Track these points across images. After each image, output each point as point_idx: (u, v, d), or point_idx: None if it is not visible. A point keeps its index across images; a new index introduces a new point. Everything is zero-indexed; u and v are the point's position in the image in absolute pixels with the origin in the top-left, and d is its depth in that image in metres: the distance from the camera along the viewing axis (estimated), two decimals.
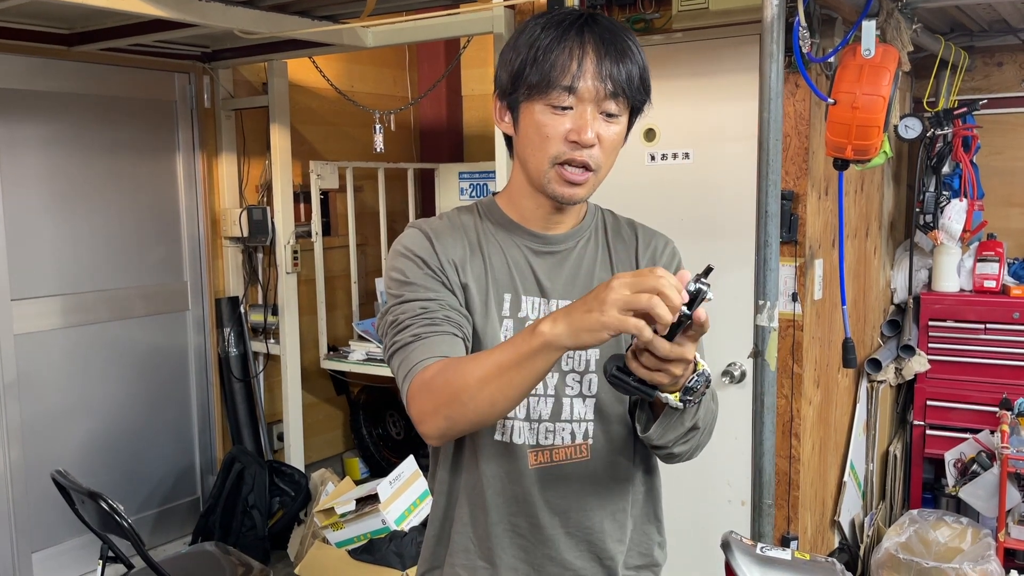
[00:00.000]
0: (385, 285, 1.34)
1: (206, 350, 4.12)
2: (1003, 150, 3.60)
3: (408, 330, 1.23)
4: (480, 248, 1.32)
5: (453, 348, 1.21)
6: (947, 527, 3.04)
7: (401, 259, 1.29)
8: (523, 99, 1.24)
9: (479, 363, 1.11)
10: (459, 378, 1.12)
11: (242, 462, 3.76)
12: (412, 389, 1.18)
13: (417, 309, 1.24)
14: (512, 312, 1.30)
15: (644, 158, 2.99)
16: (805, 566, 1.72)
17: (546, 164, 1.23)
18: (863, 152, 2.40)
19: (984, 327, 3.39)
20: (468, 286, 1.29)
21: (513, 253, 1.32)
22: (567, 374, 1.32)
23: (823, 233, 2.90)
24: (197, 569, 2.81)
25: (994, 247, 3.45)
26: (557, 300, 1.31)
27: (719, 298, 2.99)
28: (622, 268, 1.37)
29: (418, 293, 1.26)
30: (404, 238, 1.33)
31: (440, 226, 1.33)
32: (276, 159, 3.95)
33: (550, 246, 1.33)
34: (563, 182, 1.24)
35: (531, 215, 1.32)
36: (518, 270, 1.31)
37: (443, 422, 1.14)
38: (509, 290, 1.30)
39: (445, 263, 1.28)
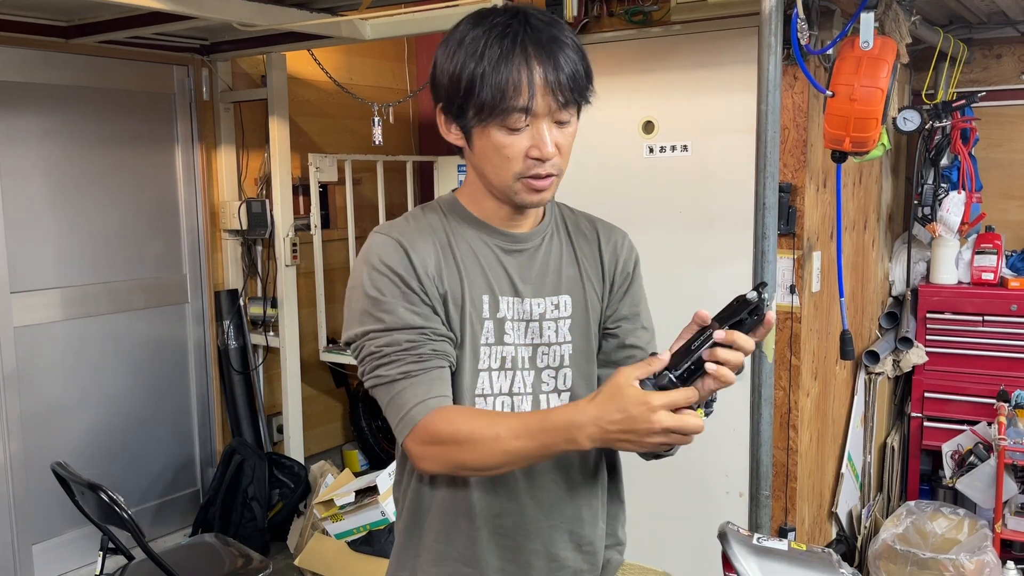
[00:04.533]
0: (355, 297, 1.26)
1: (206, 343, 4.12)
2: (1001, 142, 3.60)
3: (395, 366, 1.21)
4: (451, 249, 1.29)
5: (444, 384, 1.23)
6: (944, 518, 3.05)
7: (376, 275, 1.24)
8: (476, 124, 1.22)
9: (500, 444, 1.14)
10: (475, 451, 1.16)
11: (242, 454, 3.77)
12: (414, 436, 1.20)
13: (403, 343, 1.21)
14: (491, 314, 1.29)
15: (642, 150, 2.99)
16: (801, 556, 1.73)
17: (510, 180, 1.24)
18: (861, 144, 2.41)
19: (982, 319, 3.39)
20: (446, 296, 1.27)
21: (484, 252, 1.31)
22: (542, 371, 1.34)
23: (821, 225, 2.90)
24: (197, 560, 2.82)
25: (992, 239, 3.45)
26: (530, 299, 1.32)
27: (717, 291, 2.99)
28: (587, 264, 1.39)
29: (400, 318, 1.22)
30: (376, 248, 1.26)
31: (410, 232, 1.28)
32: (275, 152, 3.95)
33: (518, 244, 1.33)
34: (530, 191, 1.25)
35: (494, 214, 1.32)
36: (491, 270, 1.30)
37: (447, 470, 1.22)
38: (486, 291, 1.29)
39: (423, 277, 1.25)
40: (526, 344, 1.32)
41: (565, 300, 1.35)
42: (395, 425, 1.23)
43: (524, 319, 1.31)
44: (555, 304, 1.34)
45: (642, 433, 1.05)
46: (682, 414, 1.05)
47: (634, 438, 1.07)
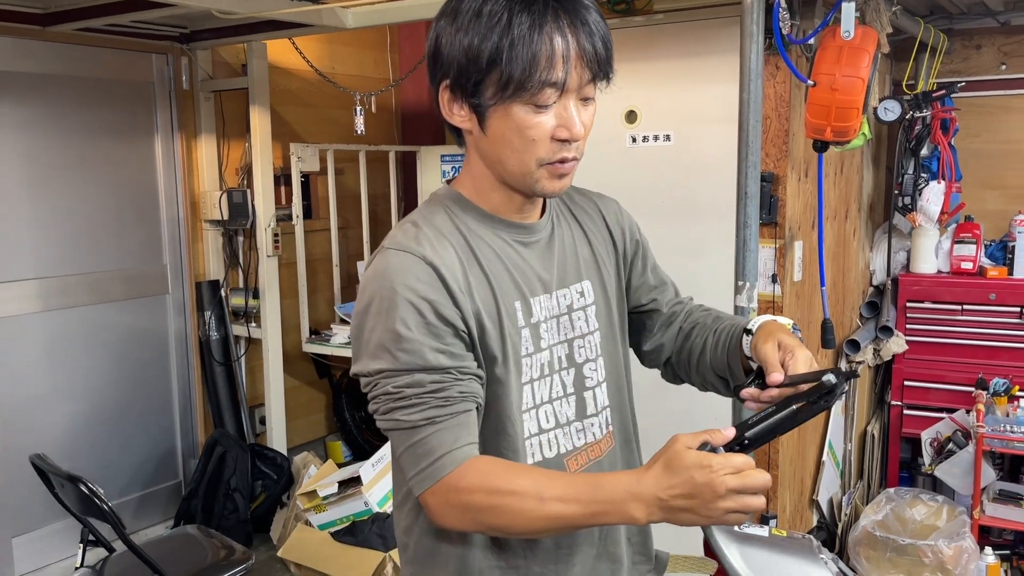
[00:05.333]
0: (371, 326, 1.10)
1: (187, 334, 4.09)
2: (980, 133, 3.63)
3: (417, 410, 1.08)
4: (473, 253, 1.17)
5: (472, 430, 1.10)
6: (923, 505, 3.09)
7: (402, 304, 1.08)
8: (496, 102, 1.09)
9: (544, 508, 1.03)
10: (512, 512, 1.05)
11: (224, 445, 3.76)
12: (438, 491, 1.07)
13: (427, 384, 1.08)
14: (526, 320, 1.19)
15: (625, 140, 2.99)
16: (782, 542, 1.75)
17: (533, 167, 1.13)
18: (842, 134, 2.42)
19: (961, 308, 3.42)
20: (479, 312, 1.14)
21: (505, 250, 1.20)
22: (583, 366, 1.26)
23: (803, 215, 2.92)
24: (179, 552, 2.80)
25: (971, 229, 3.48)
26: (556, 291, 1.24)
27: (699, 280, 3.01)
28: (598, 243, 1.33)
29: (425, 359, 1.08)
30: (399, 271, 1.10)
31: (431, 244, 1.13)
32: (256, 141, 3.92)
33: (534, 235, 1.24)
34: (552, 178, 1.14)
35: (505, 207, 1.21)
36: (517, 270, 1.20)
37: (471, 529, 1.12)
38: (517, 296, 1.18)
39: (460, 298, 1.11)
40: (561, 341, 1.23)
41: (587, 285, 1.28)
42: (413, 475, 1.09)
43: (555, 315, 1.23)
44: (580, 292, 1.27)
45: (707, 499, 0.95)
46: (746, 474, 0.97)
47: (698, 506, 0.96)
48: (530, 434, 1.19)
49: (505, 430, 1.17)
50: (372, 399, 1.13)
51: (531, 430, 1.19)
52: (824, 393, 1.03)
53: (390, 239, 1.17)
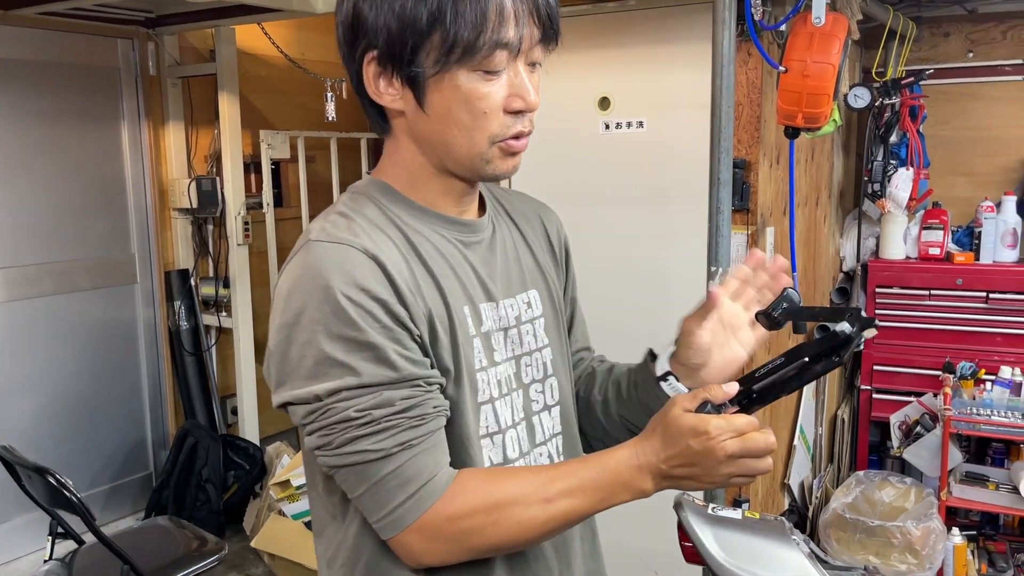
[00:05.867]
0: (303, 339, 0.91)
1: (156, 324, 4.04)
2: (948, 120, 3.67)
3: (389, 435, 0.91)
4: (415, 250, 1.00)
5: (445, 447, 0.97)
6: (892, 487, 3.13)
7: (347, 304, 0.90)
8: (437, 71, 0.94)
9: (550, 509, 0.93)
10: (513, 523, 0.93)
11: (195, 436, 3.72)
12: (424, 527, 0.93)
13: (397, 402, 0.92)
14: (476, 328, 1.03)
15: (599, 127, 2.99)
16: (755, 525, 1.76)
17: (485, 146, 0.97)
18: (813, 120, 2.43)
19: (929, 293, 3.47)
20: (431, 315, 0.97)
21: (448, 249, 1.03)
22: (530, 387, 1.11)
23: (774, 201, 2.93)
24: (150, 543, 2.77)
25: (939, 215, 3.52)
26: (502, 301, 1.08)
27: (672, 268, 3.01)
28: (539, 248, 1.18)
29: (395, 367, 0.92)
30: (334, 265, 0.92)
31: (367, 234, 0.96)
32: (225, 128, 3.86)
33: (476, 234, 1.08)
34: (505, 156, 1.00)
35: (441, 200, 1.04)
36: (462, 271, 1.04)
37: (463, 556, 0.97)
38: (465, 301, 1.03)
39: (408, 298, 0.95)
40: (509, 358, 1.08)
41: (534, 295, 1.14)
42: (387, 514, 0.93)
43: (503, 327, 1.07)
44: (527, 302, 1.12)
45: (708, 466, 0.91)
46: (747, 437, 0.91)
47: (699, 473, 0.92)
48: (492, 465, 1.04)
49: (462, 461, 1.00)
50: (319, 431, 0.93)
51: (494, 460, 1.03)
52: (838, 344, 0.92)
53: (318, 232, 0.97)
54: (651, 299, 2.97)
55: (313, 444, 0.94)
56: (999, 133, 3.61)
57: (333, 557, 1.04)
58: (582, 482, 0.94)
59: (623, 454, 0.95)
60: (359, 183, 1.08)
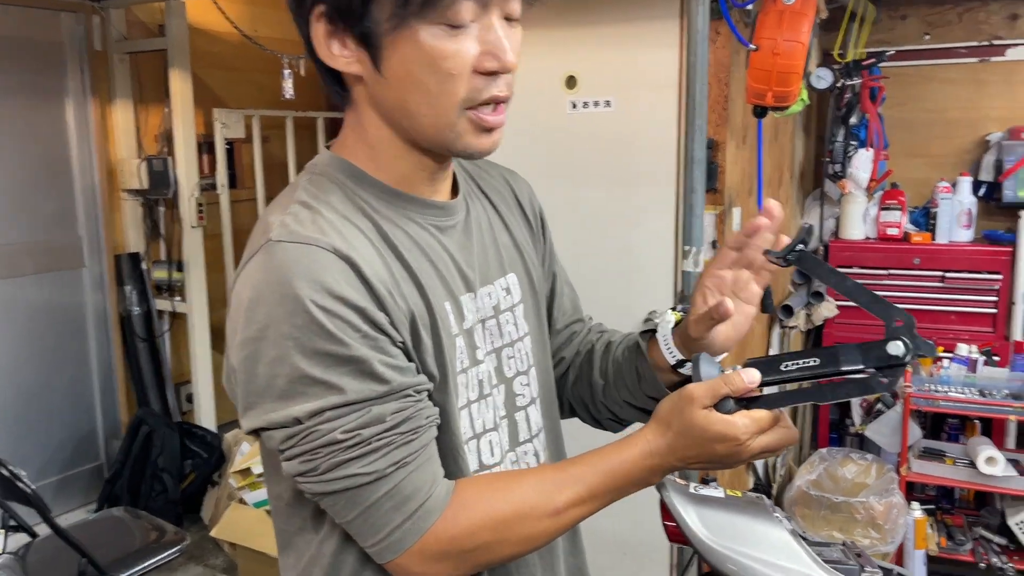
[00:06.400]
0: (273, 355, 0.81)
1: (106, 309, 3.90)
2: (906, 102, 3.72)
3: (381, 455, 0.83)
4: (389, 243, 0.90)
5: (437, 456, 0.90)
6: (853, 464, 3.18)
7: (320, 315, 0.80)
8: (394, 27, 0.83)
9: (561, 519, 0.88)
10: (519, 537, 0.88)
11: (149, 424, 3.61)
12: (426, 547, 0.86)
13: (389, 418, 0.83)
14: (459, 325, 0.95)
15: (565, 106, 2.95)
16: (737, 503, 1.75)
17: (454, 113, 0.85)
18: (783, 99, 2.43)
19: (887, 273, 3.52)
20: (413, 316, 0.89)
21: (423, 237, 0.93)
22: (513, 380, 1.04)
23: (741, 182, 2.94)
24: (106, 535, 2.68)
25: (897, 196, 3.57)
26: (479, 289, 0.99)
27: (640, 248, 2.99)
28: (514, 224, 1.09)
29: (382, 379, 0.83)
30: (304, 270, 0.81)
31: (337, 230, 0.85)
32: (176, 106, 3.74)
33: (451, 217, 0.98)
34: (480, 132, 0.88)
35: (411, 179, 0.93)
36: (441, 262, 0.94)
37: (468, 572, 0.90)
38: (446, 296, 0.93)
39: (388, 301, 0.85)
40: (491, 352, 1.00)
41: (512, 280, 1.05)
42: (383, 537, 0.85)
43: (482, 318, 0.99)
44: (505, 288, 1.03)
45: (729, 463, 0.90)
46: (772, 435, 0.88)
47: (718, 466, 0.90)
48: (470, 473, 0.98)
49: (451, 472, 0.93)
50: (301, 456, 0.83)
51: (471, 468, 0.97)
52: (887, 366, 0.86)
53: (279, 229, 0.84)
54: (619, 280, 2.96)
55: (294, 471, 0.85)
56: (955, 115, 3.67)
57: (306, 573, 0.95)
58: (592, 489, 0.89)
59: (635, 454, 0.89)
60: (318, 161, 0.95)
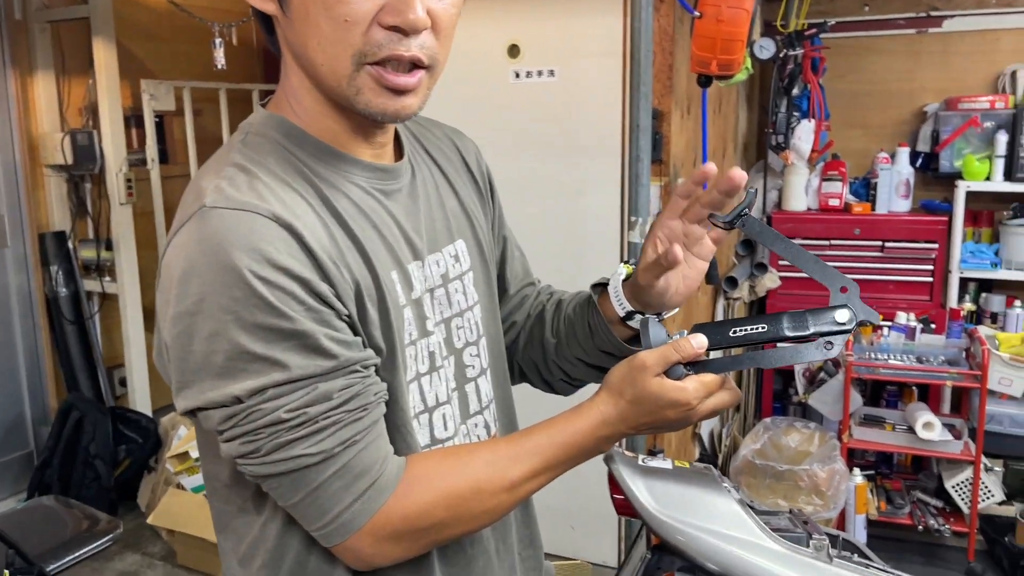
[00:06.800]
0: (208, 330, 0.76)
1: (30, 290, 3.73)
2: (846, 73, 3.75)
3: (328, 434, 0.79)
4: (331, 208, 0.84)
5: (386, 433, 0.86)
6: (797, 432, 3.22)
7: (260, 286, 0.75)
8: None
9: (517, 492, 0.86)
10: (483, 514, 0.86)
11: (80, 410, 3.47)
12: (377, 527, 0.82)
13: (336, 394, 0.79)
14: (407, 295, 0.91)
15: (508, 75, 2.89)
16: (686, 474, 1.74)
17: (348, 65, 0.79)
18: (727, 67, 2.40)
19: (829, 243, 3.56)
20: (359, 287, 0.84)
21: (367, 202, 0.88)
22: (463, 351, 1.00)
23: (685, 152, 2.92)
24: (35, 525, 2.56)
25: (838, 167, 3.60)
26: (426, 257, 0.95)
27: (585, 220, 2.95)
28: (461, 187, 1.04)
29: (329, 354, 0.79)
30: (240, 239, 0.76)
31: (276, 194, 0.80)
32: (101, 77, 3.56)
33: (395, 180, 0.93)
34: (383, 91, 0.81)
35: (343, 138, 0.88)
36: (386, 229, 0.89)
37: (421, 550, 0.87)
38: (392, 265, 0.89)
39: (332, 270, 0.80)
40: (440, 322, 0.96)
41: (461, 247, 1.01)
42: (331, 519, 0.81)
43: (430, 287, 0.95)
44: (453, 255, 0.99)
45: (678, 426, 0.90)
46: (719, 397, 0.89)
47: (667, 429, 0.91)
48: (421, 449, 0.94)
49: (399, 449, 0.89)
50: (242, 438, 0.78)
51: (421, 443, 0.93)
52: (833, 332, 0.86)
53: (213, 194, 0.79)
54: (564, 253, 2.92)
55: (235, 452, 0.80)
56: (893, 87, 3.71)
57: (248, 556, 0.90)
58: (547, 461, 0.87)
59: (589, 424, 0.88)
60: (253, 121, 0.89)
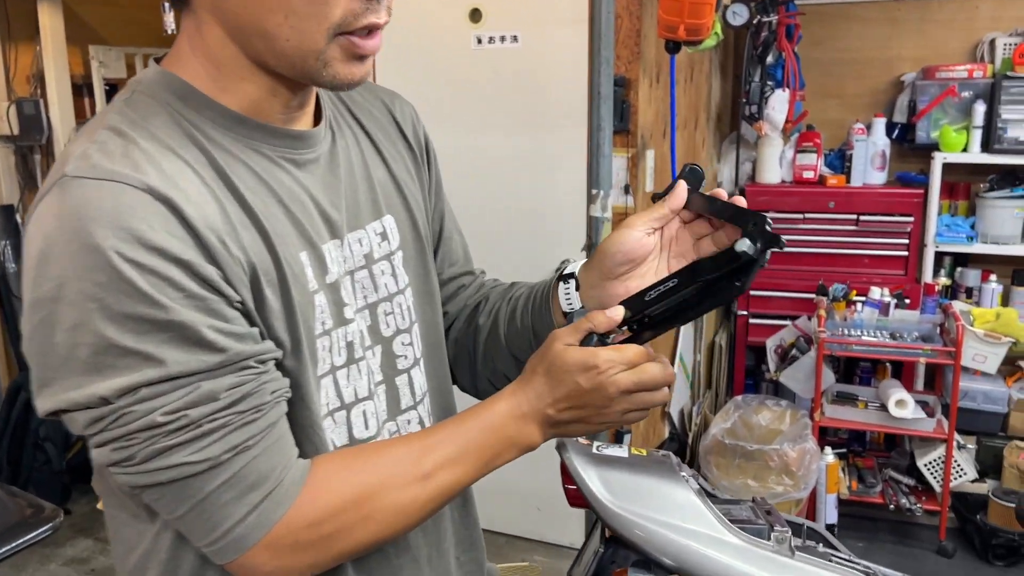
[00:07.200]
0: (70, 320, 0.66)
1: None
2: (822, 41, 3.64)
3: (214, 439, 0.69)
4: (226, 180, 0.75)
5: (290, 435, 0.77)
6: (768, 411, 3.15)
7: (130, 271, 0.65)
8: None
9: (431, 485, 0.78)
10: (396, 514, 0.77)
11: (29, 390, 3.34)
12: (275, 541, 0.73)
13: (224, 394, 0.69)
14: (319, 280, 0.81)
15: (470, 41, 2.76)
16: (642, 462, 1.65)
17: (322, 40, 0.72)
18: (696, 31, 2.29)
19: (803, 216, 3.47)
20: (255, 270, 0.74)
21: (273, 174, 0.79)
22: (393, 340, 0.91)
23: (655, 123, 2.81)
24: None
25: (812, 138, 3.51)
26: (346, 236, 0.85)
27: (550, 194, 2.85)
28: (392, 155, 0.94)
29: (212, 347, 0.69)
30: (107, 215, 0.65)
31: (162, 163, 0.70)
32: (47, 43, 3.40)
33: (312, 149, 0.83)
34: (351, 60, 0.75)
35: (263, 104, 0.78)
36: (295, 203, 0.80)
37: (330, 563, 0.78)
38: (302, 245, 0.80)
39: (219, 251, 0.70)
40: (360, 309, 0.87)
41: (389, 223, 0.91)
42: (223, 534, 0.72)
43: (351, 269, 0.86)
44: (380, 233, 0.90)
45: (599, 405, 0.79)
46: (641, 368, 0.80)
47: (591, 414, 0.80)
48: (336, 449, 0.84)
49: (307, 452, 0.80)
50: (112, 443, 0.68)
51: (337, 443, 0.84)
52: (739, 267, 0.79)
53: (77, 161, 0.68)
54: (528, 228, 2.82)
55: (106, 460, 0.70)
56: (870, 55, 3.61)
57: (139, 567, 0.81)
58: (461, 447, 0.80)
59: (503, 406, 0.81)
60: (143, 78, 0.77)
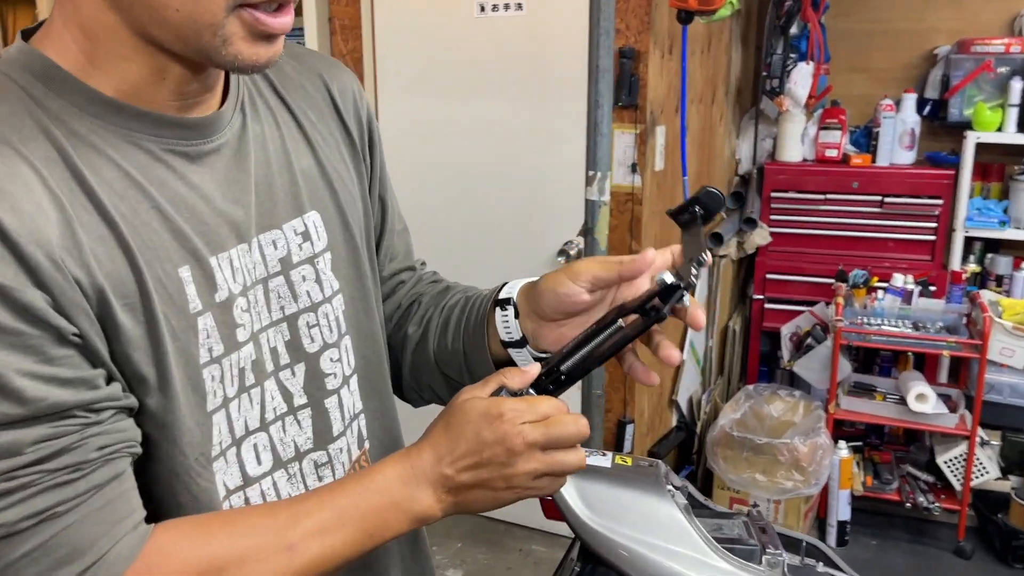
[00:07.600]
0: None
1: None
2: (851, 11, 3.43)
3: (16, 501, 0.58)
4: (80, 181, 0.63)
5: (132, 497, 0.65)
6: (780, 401, 3.01)
7: None
8: None
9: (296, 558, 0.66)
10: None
11: None
12: None
13: (28, 451, 0.58)
14: (205, 299, 0.69)
15: (473, 8, 2.63)
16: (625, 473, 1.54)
17: (220, 12, 0.61)
18: (708, 1, 2.14)
19: (824, 197, 3.31)
20: (103, 294, 0.62)
21: (153, 173, 0.67)
22: (319, 357, 0.80)
23: (666, 97, 2.66)
24: None
25: (837, 114, 3.33)
26: (255, 238, 0.74)
27: (556, 172, 2.72)
28: (324, 144, 0.82)
29: (14, 401, 0.57)
30: None
31: None
32: None
33: (211, 138, 0.71)
34: (255, 39, 0.64)
35: (144, 89, 0.66)
36: (181, 208, 0.68)
37: None
38: (183, 258, 0.68)
39: (45, 267, 0.58)
40: (275, 323, 0.77)
41: (314, 220, 0.80)
42: None
43: (260, 279, 0.75)
44: (301, 232, 0.78)
45: (502, 461, 0.68)
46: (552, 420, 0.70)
47: (492, 477, 0.68)
48: (227, 492, 0.73)
49: (178, 500, 0.69)
50: None
51: (229, 485, 0.73)
52: (660, 295, 0.76)
53: None
54: (528, 207, 2.70)
55: None
56: (901, 26, 3.40)
57: None
58: (337, 515, 0.68)
59: (392, 467, 0.71)
60: (6, 54, 0.66)
